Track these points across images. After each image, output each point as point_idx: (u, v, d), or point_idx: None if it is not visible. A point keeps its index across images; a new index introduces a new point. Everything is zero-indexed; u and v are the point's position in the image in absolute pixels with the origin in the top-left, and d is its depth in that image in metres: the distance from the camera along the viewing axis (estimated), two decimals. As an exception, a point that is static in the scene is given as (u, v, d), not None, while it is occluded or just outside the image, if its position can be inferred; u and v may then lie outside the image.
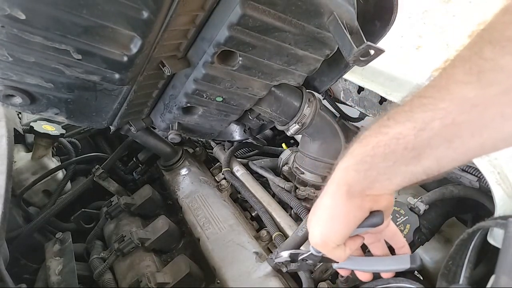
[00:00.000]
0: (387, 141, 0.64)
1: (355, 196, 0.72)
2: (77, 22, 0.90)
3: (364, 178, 0.69)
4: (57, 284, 1.34)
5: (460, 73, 0.56)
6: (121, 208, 1.63)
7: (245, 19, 0.97)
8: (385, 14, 1.14)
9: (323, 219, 0.76)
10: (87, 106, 1.24)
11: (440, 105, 0.58)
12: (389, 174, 0.67)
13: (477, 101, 0.55)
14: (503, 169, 1.04)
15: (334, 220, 0.74)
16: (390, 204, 0.78)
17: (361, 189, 0.71)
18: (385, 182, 0.68)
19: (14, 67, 1.02)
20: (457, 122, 0.57)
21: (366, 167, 0.68)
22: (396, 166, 0.65)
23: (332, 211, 0.74)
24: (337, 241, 0.76)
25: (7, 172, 1.34)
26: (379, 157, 0.66)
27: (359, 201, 0.72)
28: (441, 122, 0.58)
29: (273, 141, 2.15)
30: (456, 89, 0.57)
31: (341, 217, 0.74)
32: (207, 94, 1.23)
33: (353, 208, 0.73)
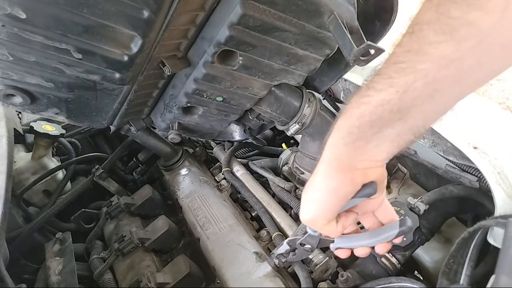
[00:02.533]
0: (372, 109, 0.65)
1: (346, 171, 0.71)
2: (77, 21, 0.90)
3: (354, 150, 0.69)
4: (57, 284, 1.34)
5: (431, 35, 0.59)
6: (121, 208, 1.63)
7: (245, 19, 0.97)
8: (385, 14, 1.14)
9: (314, 197, 0.75)
10: (87, 106, 1.24)
11: (419, 67, 0.60)
12: (377, 141, 0.68)
13: (454, 56, 0.58)
14: (503, 169, 1.04)
15: (325, 196, 0.74)
16: (382, 177, 0.77)
17: (351, 162, 0.71)
18: (374, 151, 0.69)
19: (14, 66, 1.02)
20: (437, 78, 0.60)
21: (354, 138, 0.68)
22: (384, 131, 0.67)
23: (323, 188, 0.73)
24: (328, 216, 0.76)
25: (7, 172, 1.34)
26: (365, 126, 0.67)
27: (350, 176, 0.72)
28: (423, 81, 0.60)
29: (273, 141, 2.16)
30: (431, 49, 0.59)
31: (331, 192, 0.73)
32: (207, 94, 1.23)
33: (344, 183, 0.72)
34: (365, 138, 0.68)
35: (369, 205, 0.83)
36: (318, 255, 1.23)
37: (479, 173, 1.17)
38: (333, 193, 0.73)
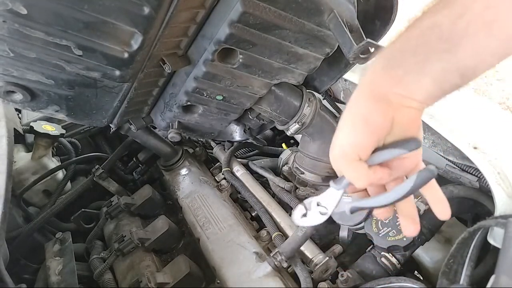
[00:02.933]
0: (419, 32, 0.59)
1: (378, 100, 0.63)
2: (78, 17, 0.91)
3: (391, 78, 0.62)
4: (57, 284, 1.34)
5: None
6: (121, 208, 1.63)
7: (245, 17, 0.97)
8: (385, 13, 1.14)
9: (342, 127, 0.66)
10: (87, 103, 1.24)
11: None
12: (418, 73, 0.60)
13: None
14: (503, 169, 1.04)
15: (353, 125, 0.65)
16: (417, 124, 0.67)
17: (385, 91, 0.63)
18: (413, 86, 0.61)
19: (15, 62, 1.02)
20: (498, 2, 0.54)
21: (393, 64, 0.62)
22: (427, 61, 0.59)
23: (352, 116, 0.66)
24: (357, 149, 0.65)
25: (7, 172, 1.34)
26: (409, 52, 0.60)
27: (382, 106, 0.63)
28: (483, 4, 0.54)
29: (273, 141, 2.15)
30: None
31: (361, 121, 0.65)
32: (207, 92, 1.23)
33: (374, 112, 0.64)
34: (406, 66, 0.61)
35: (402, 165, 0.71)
36: (318, 255, 1.23)
37: (479, 173, 1.17)
38: (363, 122, 0.64)
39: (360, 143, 0.65)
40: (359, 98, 0.65)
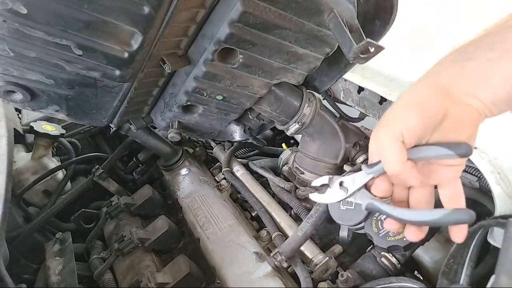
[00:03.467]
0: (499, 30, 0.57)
1: (438, 89, 0.61)
2: (78, 17, 0.90)
3: (458, 70, 0.59)
4: (57, 284, 1.34)
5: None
6: (121, 208, 1.63)
7: (245, 16, 0.97)
8: (385, 13, 1.14)
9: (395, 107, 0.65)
10: (87, 103, 1.24)
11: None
12: (489, 69, 0.57)
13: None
14: (503, 169, 1.04)
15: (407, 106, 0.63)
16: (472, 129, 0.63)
17: (449, 82, 0.60)
18: (479, 83, 0.58)
19: (15, 62, 1.02)
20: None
21: (464, 57, 0.59)
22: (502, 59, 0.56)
23: (407, 98, 0.63)
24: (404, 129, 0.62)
25: (7, 172, 1.34)
26: (484, 47, 0.58)
27: (440, 96, 0.60)
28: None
29: (273, 141, 2.15)
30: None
31: (415, 103, 0.62)
32: (207, 92, 1.23)
33: (431, 100, 0.61)
34: (478, 61, 0.58)
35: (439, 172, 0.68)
36: (318, 255, 1.23)
37: (479, 173, 1.17)
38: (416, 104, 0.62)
39: (409, 124, 0.62)
40: (420, 84, 0.64)
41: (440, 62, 0.63)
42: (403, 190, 0.74)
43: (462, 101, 0.60)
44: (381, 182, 0.74)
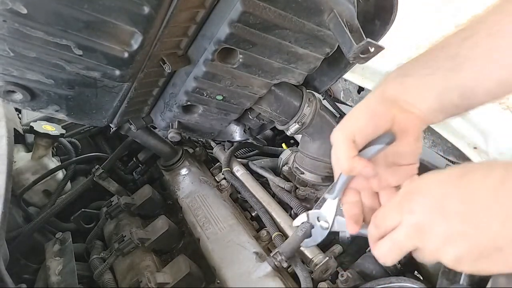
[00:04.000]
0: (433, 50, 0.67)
1: (386, 99, 0.70)
2: (78, 17, 0.90)
3: (400, 85, 0.69)
4: (57, 284, 1.34)
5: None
6: (121, 208, 1.63)
7: (245, 16, 0.97)
8: (385, 13, 1.14)
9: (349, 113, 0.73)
10: (87, 103, 1.24)
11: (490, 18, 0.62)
12: (424, 86, 0.66)
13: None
14: (503, 168, 1.03)
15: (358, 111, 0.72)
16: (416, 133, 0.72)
17: (394, 94, 0.70)
18: (418, 97, 0.67)
19: (15, 62, 1.02)
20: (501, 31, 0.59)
21: (405, 73, 0.69)
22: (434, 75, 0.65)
23: (359, 106, 0.72)
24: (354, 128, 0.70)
25: (7, 172, 1.34)
26: (420, 64, 0.67)
27: (388, 104, 0.70)
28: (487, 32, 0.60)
29: (273, 141, 2.15)
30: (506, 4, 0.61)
31: (365, 109, 0.71)
32: (207, 92, 1.23)
33: (380, 106, 0.70)
34: (415, 77, 0.68)
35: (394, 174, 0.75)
36: (318, 255, 1.23)
37: (479, 173, 1.17)
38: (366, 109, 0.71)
39: (358, 125, 0.70)
40: (371, 95, 0.73)
41: (386, 77, 0.72)
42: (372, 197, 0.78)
43: (406, 109, 0.69)
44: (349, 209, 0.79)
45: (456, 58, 0.63)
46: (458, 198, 0.56)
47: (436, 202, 0.58)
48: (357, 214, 0.78)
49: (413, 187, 0.64)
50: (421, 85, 0.67)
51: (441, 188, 0.59)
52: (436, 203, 0.58)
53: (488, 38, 0.60)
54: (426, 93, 0.67)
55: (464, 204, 0.55)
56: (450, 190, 0.58)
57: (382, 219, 0.68)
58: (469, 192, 0.55)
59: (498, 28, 0.60)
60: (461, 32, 0.64)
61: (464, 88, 0.63)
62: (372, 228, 0.70)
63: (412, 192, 0.63)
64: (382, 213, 0.69)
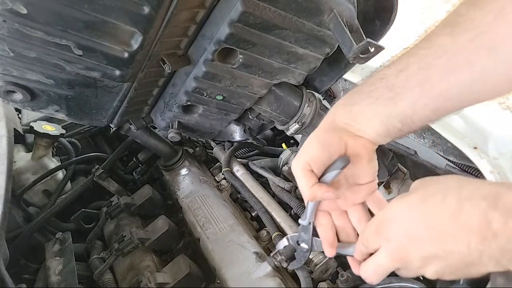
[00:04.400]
0: (373, 80, 0.73)
1: (337, 127, 0.76)
2: (78, 17, 0.91)
3: (349, 112, 0.75)
4: (57, 284, 1.34)
5: (439, 27, 0.67)
6: (121, 208, 1.63)
7: (245, 16, 0.97)
8: (385, 13, 1.14)
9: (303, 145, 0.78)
10: (87, 103, 1.24)
11: (420, 52, 0.67)
12: (369, 113, 0.72)
13: (448, 48, 0.64)
14: (503, 169, 1.04)
15: (312, 141, 0.77)
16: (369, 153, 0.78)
17: (344, 121, 0.76)
18: (365, 124, 0.74)
19: (15, 62, 1.02)
20: (430, 65, 0.66)
21: (352, 102, 0.75)
22: (376, 105, 0.71)
23: (313, 135, 0.78)
24: (309, 160, 0.75)
25: (7, 172, 1.34)
26: (364, 94, 0.73)
27: (339, 132, 0.76)
28: (418, 65, 0.67)
29: (273, 141, 2.15)
30: (434, 38, 0.67)
31: (318, 138, 0.77)
32: (207, 92, 1.23)
33: (331, 134, 0.76)
34: (360, 106, 0.73)
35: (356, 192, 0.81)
36: (318, 255, 1.23)
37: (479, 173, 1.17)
38: (318, 140, 0.76)
39: (312, 155, 0.75)
40: (321, 125, 0.79)
41: (336, 105, 0.78)
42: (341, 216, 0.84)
43: (356, 135, 0.76)
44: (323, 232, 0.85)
45: (393, 89, 0.69)
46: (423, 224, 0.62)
47: (406, 229, 0.64)
48: (331, 236, 0.84)
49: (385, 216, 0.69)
50: (367, 113, 0.73)
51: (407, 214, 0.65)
52: (406, 230, 0.64)
53: (419, 71, 0.66)
54: (371, 120, 0.73)
55: (429, 230, 0.61)
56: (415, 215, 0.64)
57: (365, 244, 0.74)
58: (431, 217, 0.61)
59: (427, 61, 0.66)
60: (396, 64, 0.70)
61: (403, 116, 0.70)
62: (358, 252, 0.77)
63: (385, 221, 0.69)
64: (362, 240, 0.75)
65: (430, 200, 0.62)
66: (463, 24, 0.63)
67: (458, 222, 0.57)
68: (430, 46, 0.66)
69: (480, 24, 0.62)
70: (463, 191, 0.58)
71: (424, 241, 0.61)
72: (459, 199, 0.58)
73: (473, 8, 0.63)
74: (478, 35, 0.61)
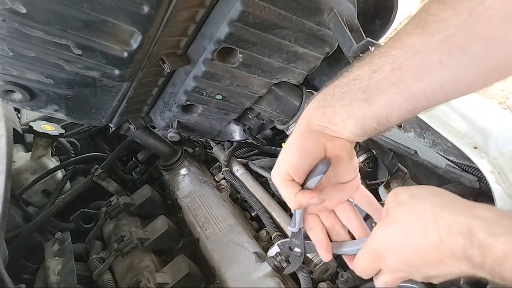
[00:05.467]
0: (346, 82, 0.71)
1: (313, 131, 0.74)
2: (77, 16, 0.90)
3: (323, 115, 0.72)
4: (56, 284, 1.33)
5: (410, 26, 0.65)
6: (120, 208, 1.62)
7: (245, 16, 0.97)
8: (385, 13, 1.14)
9: (281, 153, 0.77)
10: (86, 103, 1.24)
11: (392, 52, 0.66)
12: (344, 115, 0.71)
13: (420, 48, 0.63)
14: (503, 169, 1.03)
15: (290, 149, 0.75)
16: (349, 154, 0.78)
17: (319, 125, 0.73)
18: (340, 124, 0.72)
19: (14, 62, 1.02)
20: (403, 66, 0.65)
21: (325, 104, 0.73)
22: (351, 106, 0.70)
23: (289, 144, 0.76)
24: (289, 170, 0.74)
25: (6, 172, 1.34)
26: (337, 96, 0.71)
27: (316, 136, 0.74)
28: (391, 66, 0.66)
29: (273, 141, 2.15)
30: (405, 38, 0.65)
31: (296, 146, 0.75)
32: (207, 92, 1.23)
33: (309, 140, 0.74)
34: (335, 108, 0.72)
35: (341, 191, 0.82)
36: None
37: (479, 173, 1.17)
38: (296, 147, 0.75)
39: (292, 165, 0.74)
40: (297, 131, 0.76)
41: (309, 107, 0.76)
42: (330, 216, 0.84)
43: (333, 137, 0.74)
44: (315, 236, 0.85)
45: (367, 90, 0.68)
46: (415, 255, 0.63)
47: (402, 258, 0.66)
48: (323, 239, 0.84)
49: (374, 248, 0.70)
50: (341, 115, 0.71)
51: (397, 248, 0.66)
52: (402, 259, 0.66)
53: (393, 72, 0.66)
54: (346, 121, 0.71)
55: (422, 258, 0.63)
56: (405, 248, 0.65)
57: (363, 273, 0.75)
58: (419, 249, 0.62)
59: (400, 62, 0.65)
60: (368, 64, 0.69)
61: (379, 117, 0.69)
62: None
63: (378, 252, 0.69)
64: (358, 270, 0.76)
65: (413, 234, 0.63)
66: (434, 25, 0.62)
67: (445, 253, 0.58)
68: (402, 47, 0.66)
69: (451, 24, 0.61)
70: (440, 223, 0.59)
71: (422, 267, 0.64)
72: (439, 234, 0.59)
73: (443, 7, 0.62)
74: (450, 35, 0.61)
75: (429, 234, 0.60)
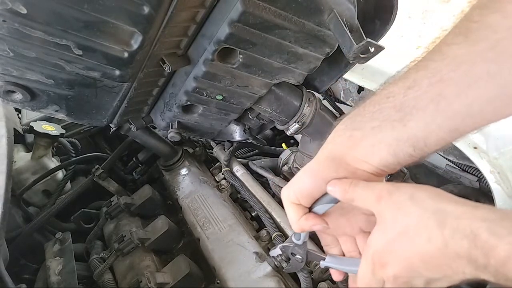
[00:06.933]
0: (378, 99, 0.64)
1: (334, 158, 0.67)
2: (78, 17, 0.90)
3: (349, 139, 0.66)
4: (57, 284, 1.34)
5: (450, 36, 0.59)
6: (121, 208, 1.63)
7: (245, 16, 0.97)
8: (385, 13, 1.14)
9: (297, 174, 0.72)
10: (87, 103, 1.24)
11: (431, 65, 0.60)
12: (373, 137, 0.64)
13: (464, 58, 0.56)
14: (503, 169, 1.04)
15: (303, 175, 0.71)
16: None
17: (343, 152, 0.67)
18: (368, 150, 0.64)
19: (14, 62, 1.02)
20: (444, 79, 0.58)
21: (353, 127, 0.66)
22: (382, 128, 0.63)
23: (306, 167, 0.71)
24: (297, 194, 0.71)
25: (7, 172, 1.34)
26: (367, 116, 0.65)
27: (334, 165, 0.68)
28: (429, 80, 0.59)
29: (273, 141, 2.16)
30: (446, 49, 0.59)
31: (309, 172, 0.70)
32: (207, 92, 1.23)
33: (326, 167, 0.68)
34: (364, 130, 0.65)
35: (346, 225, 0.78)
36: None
37: (479, 173, 1.17)
38: (311, 173, 0.70)
39: (302, 190, 0.71)
40: (319, 155, 0.70)
41: (335, 130, 0.70)
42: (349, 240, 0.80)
43: (353, 167, 0.67)
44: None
45: (402, 109, 0.61)
46: (419, 260, 0.60)
47: (405, 265, 0.62)
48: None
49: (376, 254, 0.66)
50: (371, 137, 0.64)
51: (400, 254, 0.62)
52: (406, 266, 0.62)
53: (432, 87, 0.59)
54: (377, 146, 0.64)
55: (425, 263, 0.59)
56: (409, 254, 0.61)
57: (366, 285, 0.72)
58: (423, 254, 0.59)
59: (440, 76, 0.58)
60: (403, 80, 0.63)
61: (415, 139, 0.61)
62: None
63: (380, 260, 0.65)
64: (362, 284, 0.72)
65: (417, 240, 0.59)
66: (478, 31, 0.56)
67: (450, 256, 0.55)
68: (443, 58, 0.59)
69: (500, 28, 0.54)
70: (445, 228, 0.55)
71: (426, 271, 0.60)
72: (444, 239, 0.55)
73: (488, 12, 0.56)
74: (499, 41, 0.54)
75: (434, 240, 0.56)
